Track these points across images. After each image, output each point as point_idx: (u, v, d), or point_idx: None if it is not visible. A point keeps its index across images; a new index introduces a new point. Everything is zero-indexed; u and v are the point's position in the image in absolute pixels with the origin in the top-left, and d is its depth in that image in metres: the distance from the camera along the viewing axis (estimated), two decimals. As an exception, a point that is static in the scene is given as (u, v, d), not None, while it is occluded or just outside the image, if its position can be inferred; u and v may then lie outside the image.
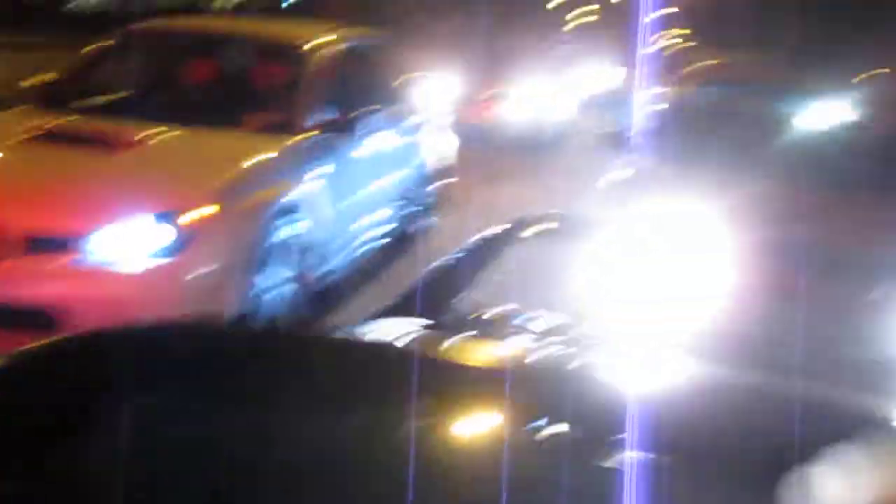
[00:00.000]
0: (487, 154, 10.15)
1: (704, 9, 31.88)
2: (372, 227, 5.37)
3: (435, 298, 1.73)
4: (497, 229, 1.78)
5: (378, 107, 5.21)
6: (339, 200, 4.73)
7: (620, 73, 19.64)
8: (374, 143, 5.25)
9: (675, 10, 30.04)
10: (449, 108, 7.96)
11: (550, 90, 11.55)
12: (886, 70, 21.33)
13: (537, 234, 2.08)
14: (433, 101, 7.33)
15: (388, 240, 5.65)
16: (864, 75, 11.53)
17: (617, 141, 5.00)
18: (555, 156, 10.92)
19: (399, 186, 5.85)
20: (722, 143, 4.68)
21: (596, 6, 43.02)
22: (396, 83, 6.06)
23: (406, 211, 6.05)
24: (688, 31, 38.65)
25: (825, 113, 5.40)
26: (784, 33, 30.10)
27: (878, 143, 4.94)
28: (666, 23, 29.25)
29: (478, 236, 1.77)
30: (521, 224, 1.84)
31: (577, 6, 41.71)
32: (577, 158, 10.01)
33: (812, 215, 3.94)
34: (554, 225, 1.91)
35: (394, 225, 5.78)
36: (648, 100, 10.94)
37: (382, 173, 5.52)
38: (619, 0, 42.20)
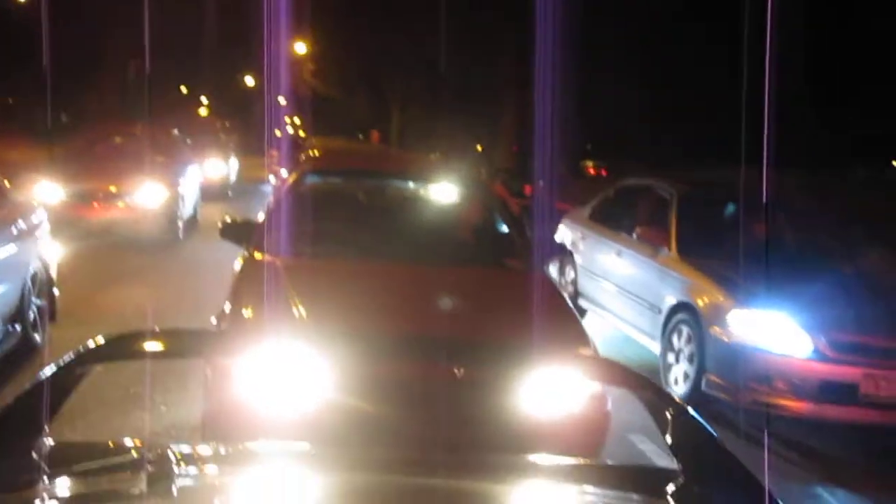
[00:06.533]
0: (105, 254, 9.57)
1: (308, 98, 33.32)
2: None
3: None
4: (62, 362, 1.56)
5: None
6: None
7: (235, 162, 19.65)
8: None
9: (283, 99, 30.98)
10: (48, 207, 7.34)
11: (169, 182, 11.14)
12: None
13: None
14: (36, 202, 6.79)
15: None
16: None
17: (243, 231, 4.93)
18: (180, 251, 10.60)
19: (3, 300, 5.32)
20: (341, 226, 4.91)
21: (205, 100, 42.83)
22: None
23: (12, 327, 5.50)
24: (298, 120, 39.92)
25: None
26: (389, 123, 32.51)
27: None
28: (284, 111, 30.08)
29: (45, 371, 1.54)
30: (87, 355, 1.61)
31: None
32: (203, 252, 9.82)
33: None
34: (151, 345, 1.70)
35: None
36: (274, 188, 10.95)
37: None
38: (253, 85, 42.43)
